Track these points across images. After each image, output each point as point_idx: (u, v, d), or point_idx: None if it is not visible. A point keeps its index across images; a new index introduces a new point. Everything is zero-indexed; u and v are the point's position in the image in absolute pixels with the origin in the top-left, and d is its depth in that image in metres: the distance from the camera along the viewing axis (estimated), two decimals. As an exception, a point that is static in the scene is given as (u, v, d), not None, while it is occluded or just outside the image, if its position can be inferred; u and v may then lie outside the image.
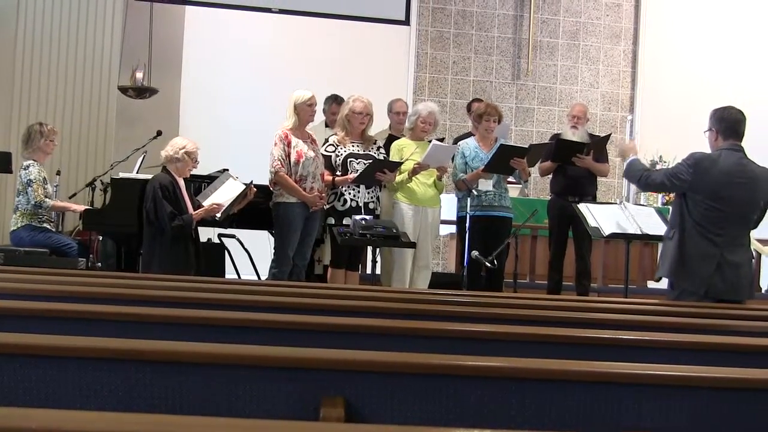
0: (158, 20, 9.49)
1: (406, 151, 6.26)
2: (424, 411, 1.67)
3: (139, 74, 9.06)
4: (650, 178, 4.77)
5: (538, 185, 9.77)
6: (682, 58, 10.73)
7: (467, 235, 6.12)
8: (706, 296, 4.42)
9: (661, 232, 5.16)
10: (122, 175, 6.72)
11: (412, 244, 5.90)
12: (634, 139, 5.15)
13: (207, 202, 5.89)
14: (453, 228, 8.08)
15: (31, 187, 6.34)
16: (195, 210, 5.78)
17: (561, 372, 1.72)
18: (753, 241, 5.46)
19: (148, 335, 1.98)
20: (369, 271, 5.99)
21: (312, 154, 5.98)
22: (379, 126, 6.86)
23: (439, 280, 6.72)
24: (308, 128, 6.16)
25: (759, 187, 4.51)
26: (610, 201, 9.26)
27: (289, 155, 5.92)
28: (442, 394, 1.68)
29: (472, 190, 6.17)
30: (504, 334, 2.29)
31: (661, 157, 10.48)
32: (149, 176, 6.05)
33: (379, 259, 5.92)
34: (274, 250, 6.02)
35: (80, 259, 6.28)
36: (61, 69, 8.59)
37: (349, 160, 6.11)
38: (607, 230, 5.79)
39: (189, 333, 2.15)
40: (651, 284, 8.59)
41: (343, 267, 6.07)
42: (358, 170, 6.06)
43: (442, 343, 2.22)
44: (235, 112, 9.65)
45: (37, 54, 8.55)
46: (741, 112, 4.58)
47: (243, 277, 7.18)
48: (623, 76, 10.86)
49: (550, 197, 7.19)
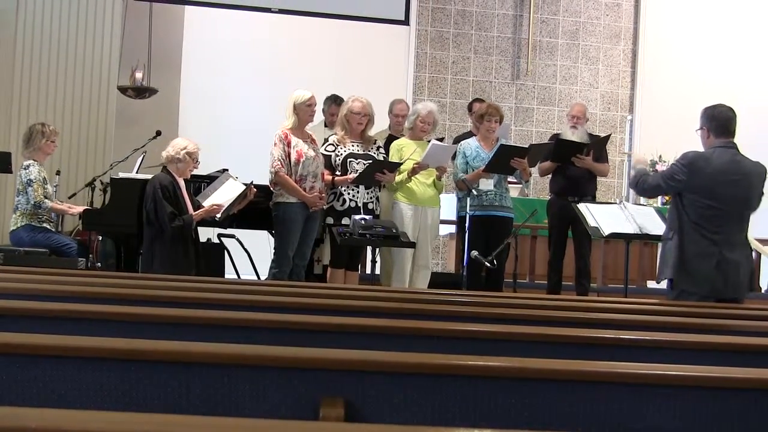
0: (158, 20, 9.50)
1: (406, 151, 6.26)
2: (424, 411, 1.67)
3: (139, 74, 9.07)
4: (646, 183, 4.79)
5: (538, 185, 9.77)
6: (681, 57, 10.74)
7: (467, 235, 6.12)
8: (709, 295, 4.43)
9: (661, 232, 5.16)
10: (122, 175, 6.72)
11: (411, 244, 5.90)
12: (645, 156, 5.21)
13: (207, 203, 5.89)
14: (452, 228, 8.09)
15: (31, 187, 6.33)
16: (195, 210, 5.77)
17: (561, 372, 1.72)
18: (752, 241, 5.46)
19: (148, 335, 1.97)
20: (368, 271, 5.99)
21: (312, 153, 5.98)
22: (380, 126, 6.86)
23: (439, 280, 6.72)
24: (308, 128, 6.16)
25: (753, 182, 4.54)
26: (610, 201, 9.26)
27: (289, 155, 5.92)
28: (442, 394, 1.68)
29: (472, 190, 6.18)
30: (504, 333, 2.29)
31: (661, 157, 10.48)
32: (149, 176, 6.05)
33: (378, 259, 5.92)
34: (274, 250, 6.02)
35: (80, 259, 6.28)
36: (60, 69, 8.59)
37: (349, 160, 6.11)
38: (607, 230, 5.79)
39: (189, 333, 2.14)
40: (651, 284, 8.59)
41: (342, 267, 6.07)
42: (357, 170, 6.05)
43: (442, 343, 2.22)
44: (235, 112, 9.65)
45: (36, 54, 8.55)
46: (731, 110, 4.61)
47: (242, 277, 7.18)
48: (623, 76, 10.86)
49: (549, 197, 7.19)
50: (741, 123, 4.71)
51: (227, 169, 6.71)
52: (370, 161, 6.05)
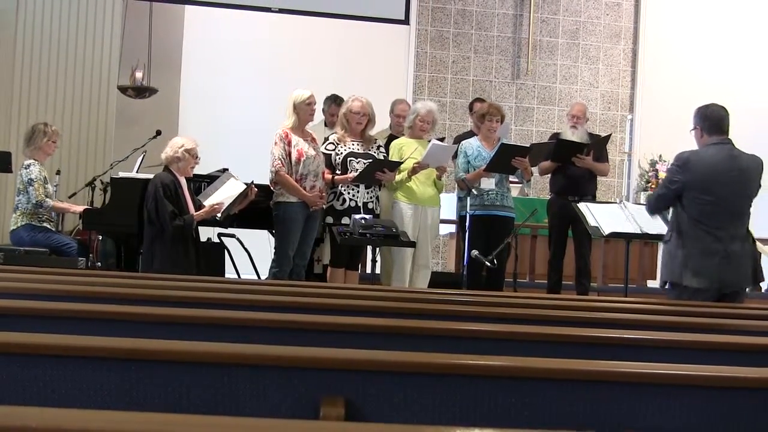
0: (158, 20, 9.50)
1: (406, 150, 6.26)
2: (425, 410, 1.67)
3: (139, 74, 9.07)
4: (651, 198, 4.94)
5: (538, 184, 9.77)
6: (681, 57, 10.73)
7: (467, 234, 6.12)
8: (716, 290, 4.43)
9: (661, 231, 5.17)
10: (122, 174, 6.72)
11: (411, 244, 5.90)
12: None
13: (208, 202, 5.88)
14: (453, 227, 8.09)
15: (32, 186, 6.33)
16: (196, 209, 5.77)
17: (561, 371, 1.72)
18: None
19: (148, 334, 1.97)
20: (369, 270, 5.99)
21: (313, 152, 5.98)
22: (381, 126, 6.86)
23: (439, 280, 6.72)
24: (308, 128, 6.16)
25: (750, 176, 4.56)
26: (610, 200, 9.27)
27: (290, 154, 5.92)
28: (442, 393, 1.68)
29: (472, 189, 6.17)
30: (504, 333, 2.28)
31: (661, 156, 10.49)
32: (149, 176, 6.05)
33: (378, 258, 5.92)
34: (274, 250, 6.02)
35: (80, 258, 6.28)
36: (60, 69, 8.59)
37: (349, 159, 6.11)
38: (607, 229, 5.79)
39: (189, 332, 2.14)
40: (651, 283, 8.59)
41: (342, 266, 6.07)
42: (357, 169, 6.05)
43: (443, 343, 2.21)
44: (235, 112, 9.65)
45: (36, 54, 8.55)
46: (724, 108, 4.64)
47: (243, 276, 7.18)
48: (623, 76, 10.86)
49: (549, 196, 7.19)
50: (740, 122, 4.72)
51: (227, 169, 6.71)
52: (370, 160, 6.05)
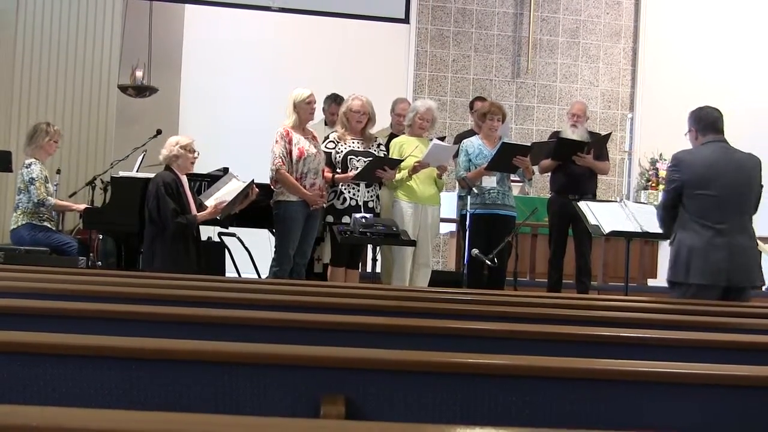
0: (158, 19, 9.50)
1: (406, 148, 6.26)
2: (425, 409, 1.67)
3: (139, 73, 9.07)
4: (659, 206, 4.97)
5: (538, 183, 9.76)
6: (682, 56, 10.73)
7: (468, 233, 6.12)
8: (725, 287, 4.44)
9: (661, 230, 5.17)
10: (122, 173, 6.72)
11: (412, 242, 5.90)
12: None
13: (209, 202, 5.87)
14: (453, 226, 8.09)
15: (33, 185, 6.33)
16: (197, 207, 5.77)
17: (562, 370, 1.72)
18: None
19: (149, 333, 1.97)
20: (369, 269, 5.99)
21: (314, 150, 5.98)
22: (382, 124, 6.86)
23: (439, 279, 6.72)
24: (308, 127, 6.16)
25: (749, 172, 4.58)
26: (611, 199, 9.26)
27: (291, 152, 5.92)
28: (443, 392, 1.68)
29: (473, 188, 6.17)
30: (505, 331, 2.28)
31: (662, 155, 10.49)
32: (149, 175, 6.05)
33: (379, 257, 5.92)
34: (275, 249, 6.02)
35: (80, 257, 6.29)
36: (60, 68, 8.59)
37: (349, 157, 6.11)
38: (608, 228, 5.79)
39: (189, 331, 2.14)
40: (651, 282, 8.59)
41: (343, 265, 6.07)
42: (357, 168, 6.05)
43: (443, 341, 2.21)
44: (235, 111, 9.66)
45: (36, 53, 8.55)
46: (717, 110, 4.68)
47: (243, 275, 7.18)
48: (623, 74, 10.86)
49: (550, 195, 7.19)
50: (740, 121, 4.74)
51: (228, 168, 6.71)
52: (371, 159, 6.05)
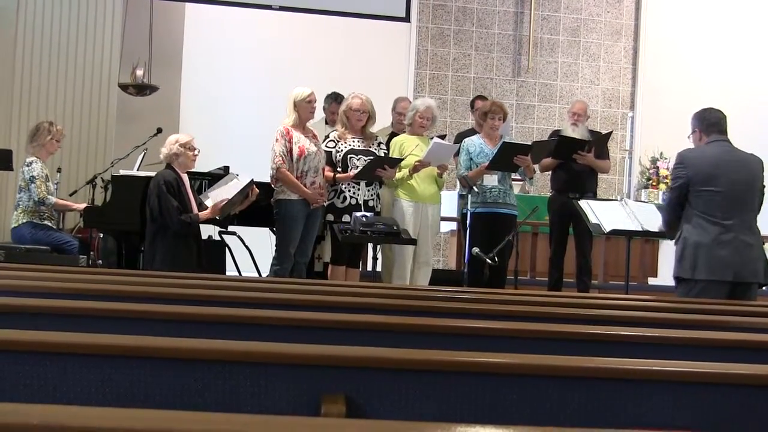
0: (158, 17, 9.49)
1: (406, 147, 6.26)
2: (426, 407, 1.67)
3: (140, 71, 9.06)
4: (664, 204, 4.93)
5: (539, 182, 9.76)
6: (682, 55, 10.73)
7: (468, 232, 6.12)
8: (732, 283, 4.44)
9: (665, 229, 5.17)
10: (123, 172, 6.72)
11: (412, 241, 5.90)
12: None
13: (209, 202, 5.86)
14: (454, 225, 8.09)
15: (34, 184, 6.33)
16: (198, 206, 5.76)
17: (563, 368, 1.72)
18: None
19: (149, 332, 1.97)
20: (369, 268, 5.99)
21: (314, 149, 5.98)
22: (383, 123, 6.86)
23: (440, 277, 6.72)
24: (309, 126, 6.15)
25: (752, 170, 4.61)
26: (611, 198, 9.27)
27: (291, 151, 5.92)
28: (443, 391, 1.68)
29: (473, 187, 6.17)
30: (505, 330, 2.28)
31: (662, 154, 10.49)
32: (150, 173, 6.05)
33: (379, 256, 5.92)
34: (275, 247, 6.02)
35: (81, 256, 6.29)
36: (61, 66, 8.59)
37: (350, 156, 6.11)
38: (608, 227, 5.79)
39: (190, 330, 2.14)
40: (652, 281, 8.59)
41: (343, 264, 6.07)
42: (358, 167, 6.05)
43: (444, 340, 2.21)
44: (236, 109, 9.65)
45: (37, 51, 8.55)
46: (721, 112, 4.71)
47: (244, 274, 7.18)
48: (624, 73, 10.85)
49: (550, 194, 7.19)
50: (741, 120, 4.74)
51: (228, 167, 6.70)
52: (371, 157, 6.05)
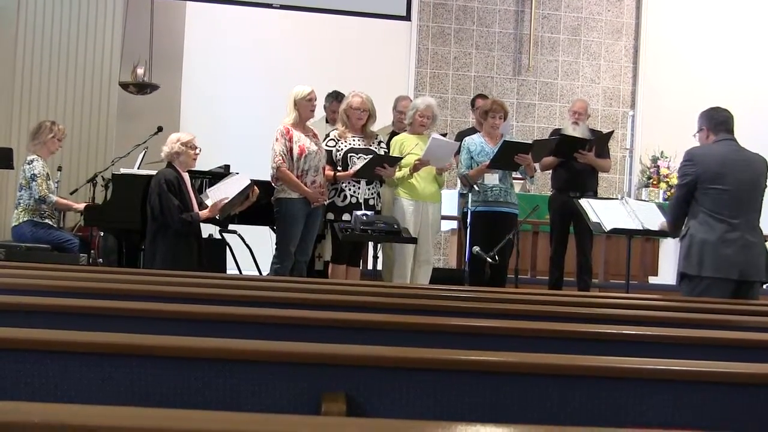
0: (159, 16, 9.49)
1: (407, 146, 6.26)
2: (426, 406, 1.67)
3: (140, 70, 9.06)
4: (669, 205, 5.02)
5: (540, 181, 9.75)
6: (683, 53, 10.72)
7: (469, 230, 6.12)
8: (737, 281, 4.44)
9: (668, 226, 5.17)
10: (123, 171, 6.72)
11: (413, 240, 5.90)
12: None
13: (209, 202, 5.85)
14: (454, 224, 8.08)
15: (35, 182, 6.33)
16: (198, 205, 5.76)
17: (563, 367, 1.72)
18: None
19: (150, 330, 1.97)
20: (370, 266, 5.99)
21: (315, 147, 5.98)
22: (383, 121, 6.85)
23: (441, 276, 6.72)
24: (310, 124, 6.15)
25: (755, 168, 4.63)
26: (612, 196, 9.26)
27: (291, 150, 5.92)
28: (444, 389, 1.68)
29: (474, 186, 6.17)
30: (506, 329, 2.28)
31: (662, 153, 10.49)
32: (151, 172, 6.04)
33: (380, 254, 5.91)
34: (276, 246, 6.02)
35: (81, 255, 6.29)
36: (62, 65, 8.59)
37: (350, 155, 6.11)
38: (609, 225, 5.78)
39: (190, 328, 2.14)
40: (652, 280, 8.60)
41: (344, 263, 6.06)
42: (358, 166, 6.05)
43: (444, 338, 2.21)
44: (236, 108, 9.65)
45: (38, 50, 8.55)
46: (728, 111, 4.72)
47: (244, 272, 7.18)
48: (624, 72, 10.85)
49: (551, 193, 7.19)
50: (741, 119, 4.75)
51: (229, 165, 6.70)
52: (371, 156, 6.05)
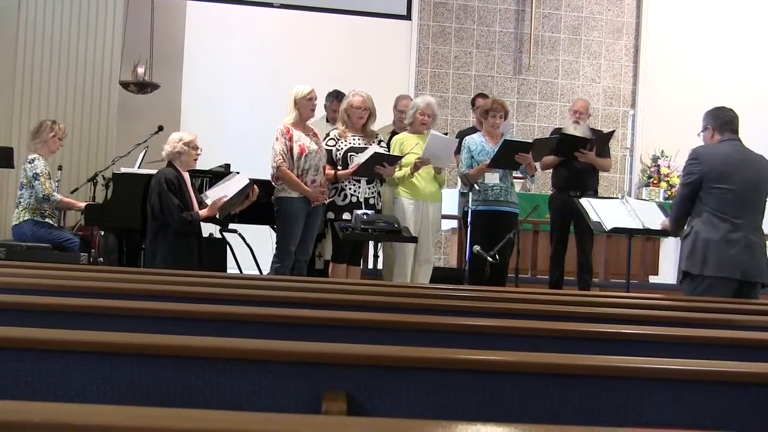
0: (159, 15, 9.49)
1: (407, 145, 6.26)
2: (427, 405, 1.67)
3: (141, 69, 9.07)
4: (673, 203, 4.96)
5: (540, 180, 9.76)
6: (683, 53, 10.72)
7: (469, 229, 6.12)
8: (739, 281, 4.44)
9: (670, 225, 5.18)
10: (124, 170, 6.72)
11: (413, 239, 5.90)
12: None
13: (209, 201, 5.85)
14: (455, 223, 8.08)
15: (38, 181, 6.33)
16: (198, 205, 5.76)
17: (563, 366, 1.72)
18: None
19: (150, 329, 1.97)
20: (370, 266, 5.99)
21: (315, 147, 5.98)
22: (384, 121, 6.85)
23: (441, 275, 6.72)
24: (310, 123, 6.15)
25: (759, 169, 4.64)
26: (612, 196, 9.26)
27: (291, 149, 5.92)
28: (444, 388, 1.68)
29: (474, 185, 6.16)
30: (506, 328, 2.28)
31: (663, 152, 10.49)
32: (151, 171, 6.04)
33: (380, 253, 5.91)
34: (276, 245, 6.02)
35: (82, 254, 6.29)
36: (62, 64, 8.59)
37: (350, 154, 6.10)
38: (609, 225, 5.78)
39: (190, 327, 2.15)
40: (653, 279, 8.59)
41: (344, 262, 6.06)
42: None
43: (445, 338, 2.21)
44: (237, 107, 9.66)
45: (38, 49, 8.55)
46: (734, 111, 4.73)
47: (244, 272, 7.18)
48: (625, 71, 10.85)
49: (551, 192, 7.19)
50: (741, 119, 4.76)
51: (229, 164, 6.70)
52: (371, 149, 6.04)
